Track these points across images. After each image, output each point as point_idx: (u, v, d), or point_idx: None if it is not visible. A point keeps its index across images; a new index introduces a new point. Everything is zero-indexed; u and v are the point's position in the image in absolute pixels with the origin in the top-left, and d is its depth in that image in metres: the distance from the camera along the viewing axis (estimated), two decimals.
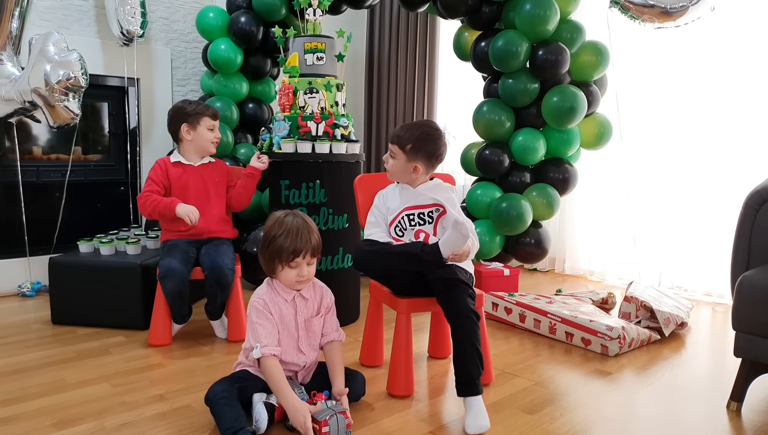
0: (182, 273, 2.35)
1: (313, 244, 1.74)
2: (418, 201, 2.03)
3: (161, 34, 3.81)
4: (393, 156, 2.04)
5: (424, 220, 2.02)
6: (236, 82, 3.56)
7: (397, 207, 2.04)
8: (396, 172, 2.06)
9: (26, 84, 2.88)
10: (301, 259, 1.72)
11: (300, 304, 1.80)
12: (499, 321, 2.78)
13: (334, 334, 1.86)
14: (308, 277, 1.76)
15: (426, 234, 2.01)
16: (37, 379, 2.06)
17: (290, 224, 1.73)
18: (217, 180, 2.65)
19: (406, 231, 2.02)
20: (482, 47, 3.29)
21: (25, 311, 2.93)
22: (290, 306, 1.79)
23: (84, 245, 2.78)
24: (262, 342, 1.69)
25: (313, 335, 1.83)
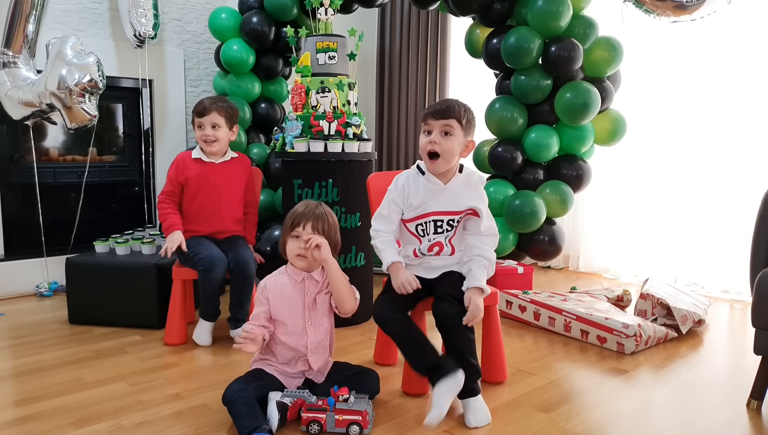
0: (224, 262, 2.38)
1: (315, 217, 1.80)
2: (452, 205, 1.85)
3: (174, 35, 3.84)
4: (450, 133, 1.79)
5: (452, 226, 1.87)
6: (248, 82, 3.58)
7: (423, 206, 1.85)
8: (453, 153, 1.81)
9: (44, 87, 2.91)
10: (302, 230, 1.78)
11: (310, 285, 1.83)
12: (513, 319, 2.77)
13: None
14: (307, 254, 1.78)
15: (441, 246, 1.87)
16: (56, 378, 2.09)
17: (304, 202, 1.87)
18: (238, 179, 2.57)
19: (427, 236, 1.88)
20: (494, 44, 3.27)
21: (43, 311, 2.97)
22: (299, 287, 1.82)
23: (100, 245, 2.81)
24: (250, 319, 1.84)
25: (318, 313, 1.84)
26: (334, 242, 1.84)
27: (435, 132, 1.80)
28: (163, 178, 3.83)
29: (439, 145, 1.79)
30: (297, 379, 1.84)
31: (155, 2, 3.42)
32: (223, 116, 2.47)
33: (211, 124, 2.45)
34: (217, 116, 2.45)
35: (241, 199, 2.60)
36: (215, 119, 2.45)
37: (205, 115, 2.45)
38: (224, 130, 2.49)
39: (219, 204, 2.51)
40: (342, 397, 1.67)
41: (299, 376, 1.85)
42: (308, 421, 1.64)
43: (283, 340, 1.82)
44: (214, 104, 2.47)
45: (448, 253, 1.88)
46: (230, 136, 2.54)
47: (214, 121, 2.45)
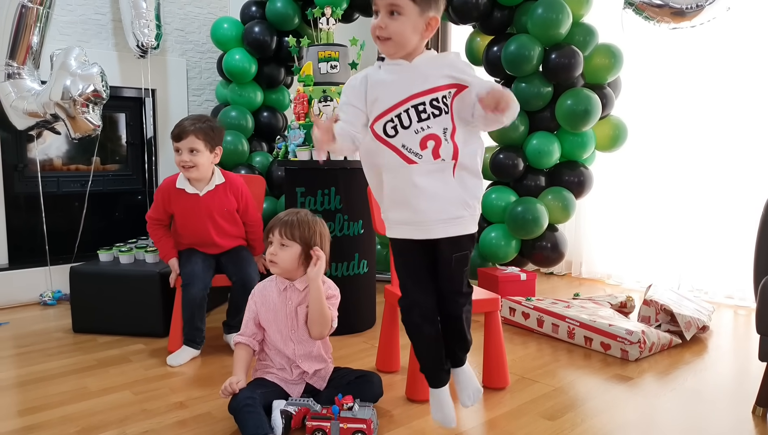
0: (205, 279, 2.33)
1: (285, 223, 1.79)
2: (430, 83, 1.45)
3: (177, 45, 3.87)
4: (399, 11, 1.40)
5: (439, 108, 1.44)
6: (251, 91, 3.60)
7: (394, 96, 1.45)
8: (405, 36, 1.42)
9: (48, 97, 2.94)
10: (272, 237, 1.79)
11: (292, 294, 1.83)
12: (517, 326, 2.77)
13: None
14: (276, 259, 1.78)
15: (437, 140, 1.44)
16: (60, 387, 2.09)
17: (288, 210, 1.88)
18: (226, 209, 2.41)
19: (408, 129, 1.44)
20: (494, 52, 3.29)
21: (47, 320, 2.97)
22: (284, 295, 1.84)
23: (104, 254, 2.82)
24: (240, 330, 1.86)
25: (300, 324, 1.83)
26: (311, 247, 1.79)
27: (381, 13, 1.42)
28: None
29: (386, 29, 1.41)
30: (298, 386, 1.85)
31: (158, 13, 3.45)
32: (201, 139, 2.26)
33: (188, 149, 2.26)
34: (194, 140, 2.25)
35: (237, 221, 2.48)
36: (193, 143, 2.25)
37: (181, 139, 2.26)
38: (204, 154, 2.29)
39: (209, 234, 2.41)
40: (346, 405, 1.68)
41: (299, 382, 1.85)
42: (313, 430, 1.64)
43: (273, 347, 1.84)
44: (193, 126, 2.27)
45: (450, 152, 1.45)
46: (212, 160, 2.35)
47: (192, 145, 2.26)
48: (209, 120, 2.36)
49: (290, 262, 1.79)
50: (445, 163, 1.46)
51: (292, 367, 1.84)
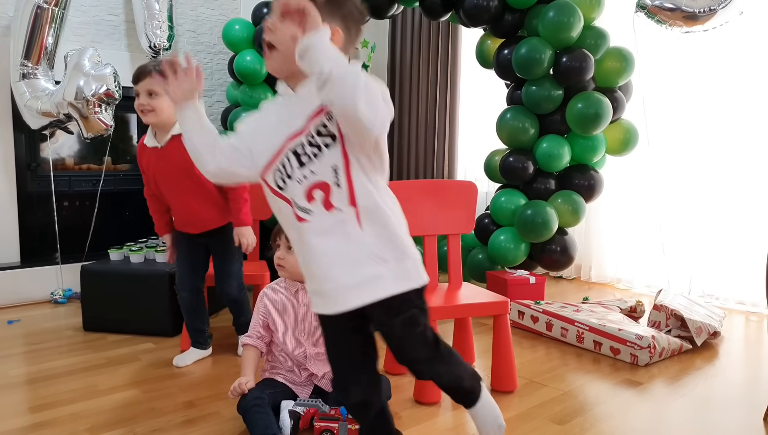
0: (192, 282, 2.27)
1: None
2: (303, 112, 1.16)
3: (188, 46, 3.89)
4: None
5: (319, 144, 1.14)
6: (261, 92, 3.61)
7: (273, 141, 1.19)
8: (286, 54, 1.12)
9: (62, 97, 2.96)
10: (280, 240, 1.79)
11: (303, 297, 1.84)
12: (526, 329, 2.76)
13: None
14: (284, 263, 1.79)
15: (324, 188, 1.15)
16: (70, 385, 2.11)
17: None
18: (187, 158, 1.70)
19: (291, 179, 1.17)
20: (505, 55, 3.29)
21: (57, 318, 3.00)
22: (292, 298, 1.84)
23: (114, 253, 2.84)
24: (248, 331, 1.87)
25: (318, 331, 1.83)
26: None
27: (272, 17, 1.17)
28: None
29: (274, 31, 1.16)
30: (306, 387, 1.85)
31: (170, 14, 3.48)
32: None
33: (146, 91, 1.99)
34: (153, 81, 1.97)
35: (207, 186, 2.12)
36: (151, 85, 1.98)
37: (139, 80, 2.00)
38: (164, 98, 1.95)
39: (177, 195, 2.14)
40: None
41: (308, 384, 1.85)
42: (321, 431, 1.64)
43: (282, 349, 1.84)
44: (154, 67, 1.98)
45: (345, 197, 1.15)
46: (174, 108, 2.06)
47: (150, 87, 1.98)
48: None
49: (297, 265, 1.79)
50: (343, 214, 1.15)
51: (301, 369, 1.84)
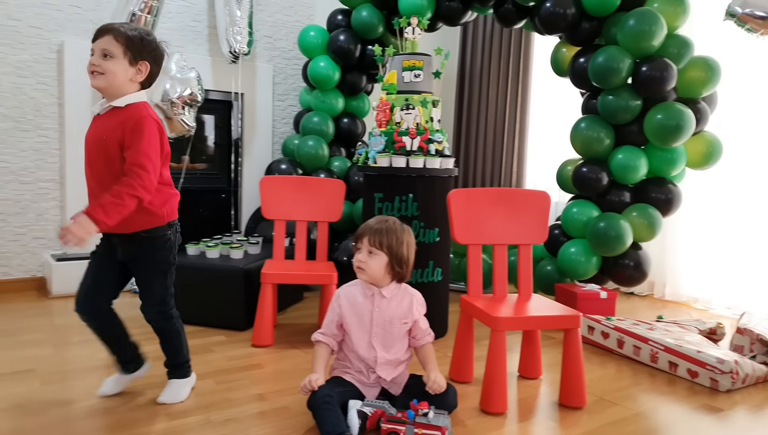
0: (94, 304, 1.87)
1: (374, 231, 1.82)
2: None
3: (265, 51, 4.03)
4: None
5: None
6: (333, 97, 3.69)
7: None
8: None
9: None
10: (361, 244, 1.82)
11: (379, 302, 1.85)
12: (595, 345, 2.68)
13: (427, 337, 1.91)
14: (364, 266, 1.82)
15: None
16: (150, 371, 2.21)
17: (378, 217, 1.91)
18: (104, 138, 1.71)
19: None
20: (581, 63, 3.22)
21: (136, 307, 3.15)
22: (368, 301, 1.86)
23: (192, 248, 2.97)
24: (321, 328, 1.88)
25: (391, 337, 1.86)
26: (398, 257, 1.82)
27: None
28: (249, 187, 4.02)
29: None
30: (374, 389, 1.87)
31: (250, 21, 3.61)
32: (121, 44, 1.69)
33: (101, 51, 1.69)
34: (111, 41, 1.68)
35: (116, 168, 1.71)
36: (108, 45, 1.69)
37: (97, 38, 1.72)
38: (118, 62, 1.69)
39: (89, 173, 1.78)
40: (422, 412, 1.69)
41: (375, 386, 1.88)
42: (387, 432, 1.66)
43: (353, 350, 1.87)
44: (117, 26, 1.72)
45: None
46: (131, 77, 1.73)
47: (106, 46, 1.69)
48: (141, 28, 1.78)
49: (378, 270, 1.82)
50: None
51: (369, 371, 1.87)
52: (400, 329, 1.87)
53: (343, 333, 1.90)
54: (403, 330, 1.88)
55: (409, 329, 1.89)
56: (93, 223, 1.61)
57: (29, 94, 3.33)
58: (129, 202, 1.66)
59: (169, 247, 1.87)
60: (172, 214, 1.86)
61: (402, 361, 1.89)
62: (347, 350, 1.91)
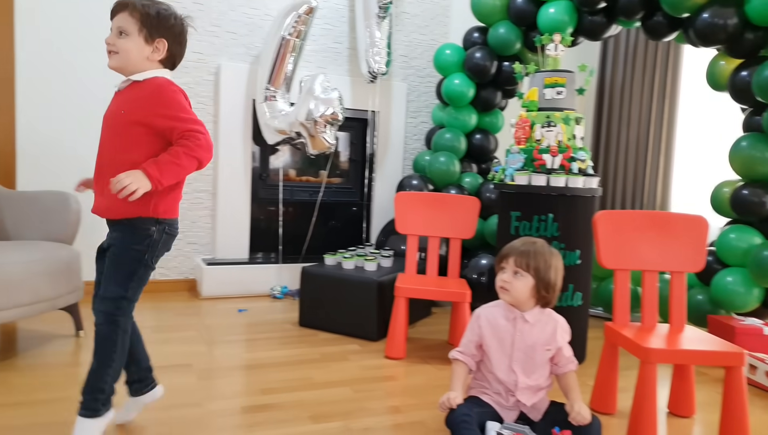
0: None
1: (522, 253, 1.77)
2: None
3: (400, 70, 4.15)
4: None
5: None
6: (466, 114, 3.70)
7: None
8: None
9: (295, 117, 3.36)
10: (506, 264, 1.78)
11: (521, 326, 1.81)
12: (759, 387, 2.41)
13: (570, 365, 1.84)
14: (509, 287, 1.78)
15: None
16: (291, 374, 2.35)
17: (525, 238, 1.86)
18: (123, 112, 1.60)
19: None
20: (743, 77, 2.94)
21: (275, 311, 3.37)
22: (510, 324, 1.82)
23: (329, 258, 3.11)
24: (458, 347, 1.87)
25: (532, 363, 1.80)
26: (545, 281, 1.77)
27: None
28: (380, 201, 4.13)
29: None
30: (512, 412, 1.83)
31: (389, 41, 3.74)
32: (137, 20, 1.60)
33: (117, 29, 1.61)
34: (127, 18, 1.60)
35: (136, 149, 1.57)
36: (123, 22, 1.60)
37: (114, 14, 1.63)
38: (133, 40, 1.60)
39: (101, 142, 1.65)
40: None
41: (514, 409, 1.83)
42: None
43: (492, 371, 1.83)
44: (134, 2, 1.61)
45: None
46: (148, 55, 1.62)
47: (122, 24, 1.60)
48: (161, 4, 1.66)
49: (523, 292, 1.78)
50: None
51: (508, 395, 1.83)
52: (542, 356, 1.82)
53: (481, 353, 1.89)
54: (545, 356, 1.82)
55: (552, 356, 1.83)
56: (146, 178, 1.49)
57: None
58: (186, 162, 1.53)
59: (147, 245, 1.61)
60: (164, 211, 1.62)
61: (543, 387, 1.83)
62: (486, 371, 1.88)
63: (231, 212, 3.74)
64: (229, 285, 3.59)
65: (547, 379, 1.84)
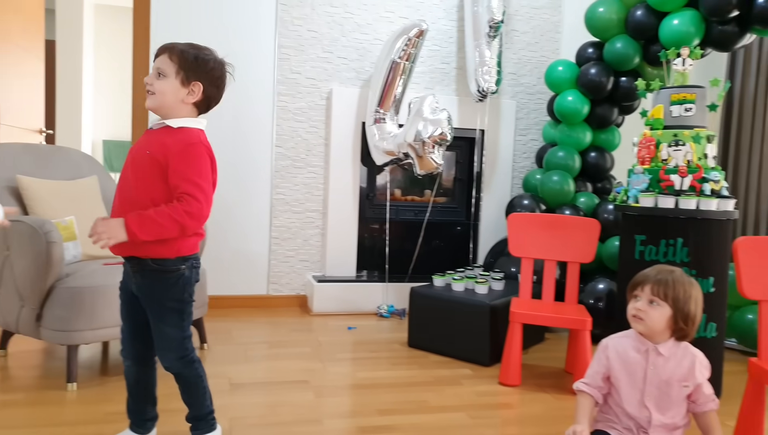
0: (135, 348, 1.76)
1: (658, 281, 1.65)
2: None
3: (508, 88, 4.09)
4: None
5: None
6: (580, 131, 3.58)
7: None
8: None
9: (403, 139, 3.40)
10: (640, 291, 1.67)
11: (654, 359, 1.69)
12: None
13: (711, 404, 1.69)
14: (643, 316, 1.65)
15: None
16: (405, 396, 2.36)
17: (659, 266, 1.73)
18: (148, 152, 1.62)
19: None
20: None
21: (383, 330, 3.40)
22: (641, 357, 1.70)
23: (438, 279, 3.11)
24: (583, 378, 1.76)
25: (668, 399, 1.67)
26: (684, 312, 1.65)
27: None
28: (488, 221, 4.08)
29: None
30: None
31: (499, 60, 3.71)
32: (175, 62, 1.64)
33: (156, 71, 1.66)
34: (165, 60, 1.65)
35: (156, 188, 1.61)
36: (161, 63, 1.65)
37: (156, 57, 1.68)
38: (170, 82, 1.64)
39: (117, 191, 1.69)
40: None
41: None
42: None
43: (621, 406, 1.73)
44: (175, 46, 1.67)
45: None
46: (183, 98, 1.65)
47: (160, 65, 1.66)
48: (203, 49, 1.70)
49: (659, 323, 1.68)
50: None
51: (640, 431, 1.72)
52: (679, 392, 1.69)
53: (609, 386, 1.79)
54: (682, 393, 1.69)
55: (689, 393, 1.70)
56: (123, 230, 1.52)
57: (303, 136, 3.85)
58: (169, 224, 1.55)
59: (183, 284, 1.68)
60: (188, 249, 1.68)
61: (679, 426, 1.71)
62: (614, 405, 1.79)
63: (340, 231, 3.85)
64: (338, 302, 3.68)
65: (684, 417, 1.71)
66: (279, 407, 2.19)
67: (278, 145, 3.79)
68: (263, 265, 3.82)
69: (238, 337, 3.06)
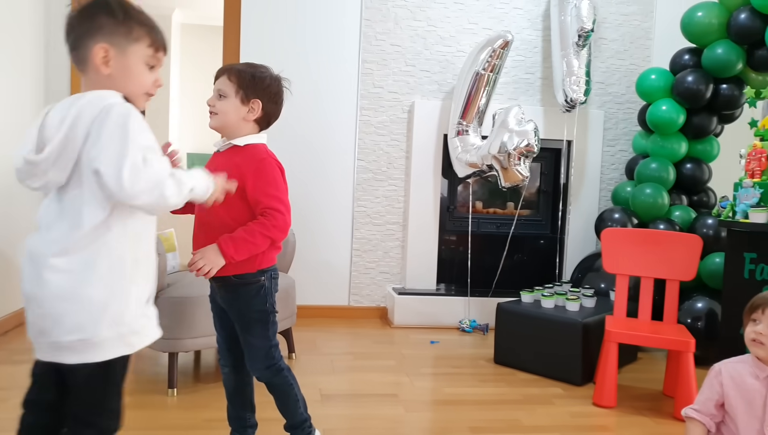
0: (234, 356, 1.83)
1: None
2: None
3: (596, 97, 3.96)
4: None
5: None
6: (674, 142, 3.40)
7: None
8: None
9: (487, 151, 3.36)
10: (760, 314, 1.59)
11: None
12: None
13: None
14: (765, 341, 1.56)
15: None
16: (496, 414, 2.31)
17: None
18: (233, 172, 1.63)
19: None
20: None
21: (466, 346, 3.35)
22: (760, 385, 1.60)
23: (526, 295, 3.03)
24: (694, 404, 1.70)
25: None
26: None
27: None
28: (575, 235, 3.95)
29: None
30: None
31: (588, 69, 3.60)
32: (234, 82, 1.71)
33: (216, 92, 1.74)
34: (225, 81, 1.73)
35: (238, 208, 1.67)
36: (222, 84, 1.73)
37: (216, 79, 1.77)
38: (231, 102, 1.72)
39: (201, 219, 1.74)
40: None
41: None
42: None
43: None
44: (232, 66, 1.78)
45: None
46: (245, 115, 1.72)
47: (220, 87, 1.73)
48: (259, 67, 1.78)
49: None
50: None
51: None
52: None
53: (722, 414, 1.68)
54: None
55: None
56: (220, 255, 1.60)
57: (384, 149, 3.88)
58: (260, 241, 1.63)
59: (264, 294, 1.74)
60: (267, 262, 1.74)
61: None
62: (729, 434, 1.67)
63: (420, 243, 3.84)
64: (419, 315, 3.66)
65: None
66: (369, 420, 2.20)
67: (360, 159, 3.84)
68: (345, 276, 3.87)
69: (323, 348, 3.11)
